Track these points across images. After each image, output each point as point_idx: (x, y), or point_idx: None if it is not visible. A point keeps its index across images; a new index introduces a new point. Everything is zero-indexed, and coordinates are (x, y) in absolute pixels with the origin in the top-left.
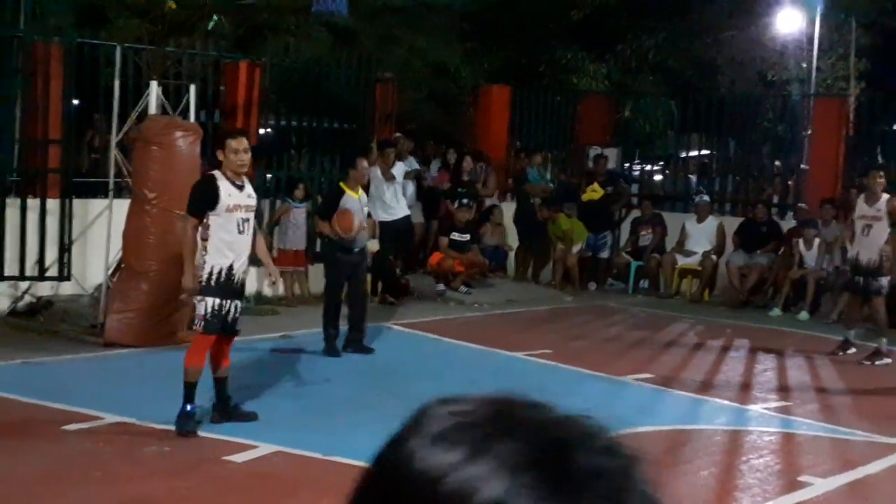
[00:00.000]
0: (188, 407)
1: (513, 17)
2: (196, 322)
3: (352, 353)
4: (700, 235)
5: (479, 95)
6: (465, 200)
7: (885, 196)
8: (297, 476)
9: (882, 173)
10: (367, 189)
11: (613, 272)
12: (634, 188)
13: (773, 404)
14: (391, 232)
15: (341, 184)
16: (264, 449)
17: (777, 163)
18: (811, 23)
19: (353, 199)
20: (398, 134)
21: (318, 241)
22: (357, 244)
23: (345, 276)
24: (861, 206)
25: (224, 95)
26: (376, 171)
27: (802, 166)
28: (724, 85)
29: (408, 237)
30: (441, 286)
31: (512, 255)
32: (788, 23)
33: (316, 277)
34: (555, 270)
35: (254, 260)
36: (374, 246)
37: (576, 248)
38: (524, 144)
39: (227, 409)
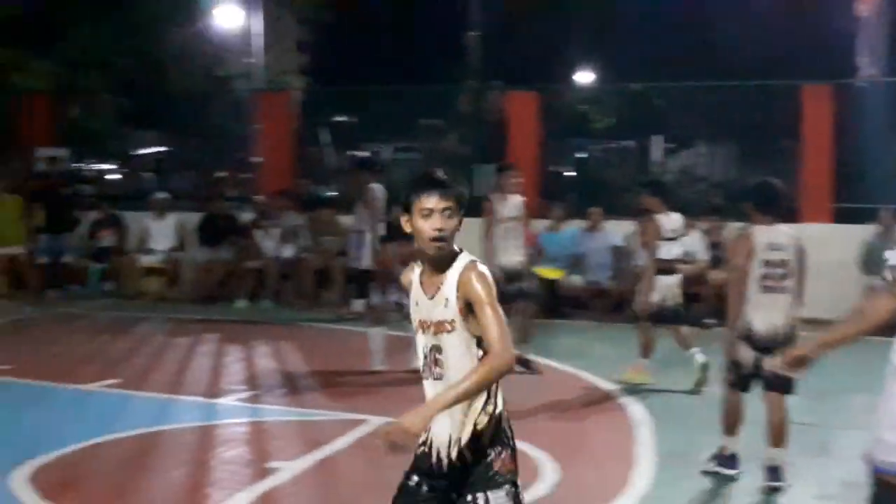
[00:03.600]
0: None
1: None
2: None
3: None
4: (161, 233)
5: None
6: None
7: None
8: None
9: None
10: None
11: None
12: (90, 189)
13: (243, 395)
14: None
15: None
16: None
17: (231, 157)
18: (252, 19)
19: None
20: None
21: None
22: None
23: None
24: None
25: None
26: None
27: (255, 160)
28: (173, 82)
29: None
30: None
31: None
32: (229, 19)
33: None
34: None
35: None
36: None
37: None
38: None
39: None
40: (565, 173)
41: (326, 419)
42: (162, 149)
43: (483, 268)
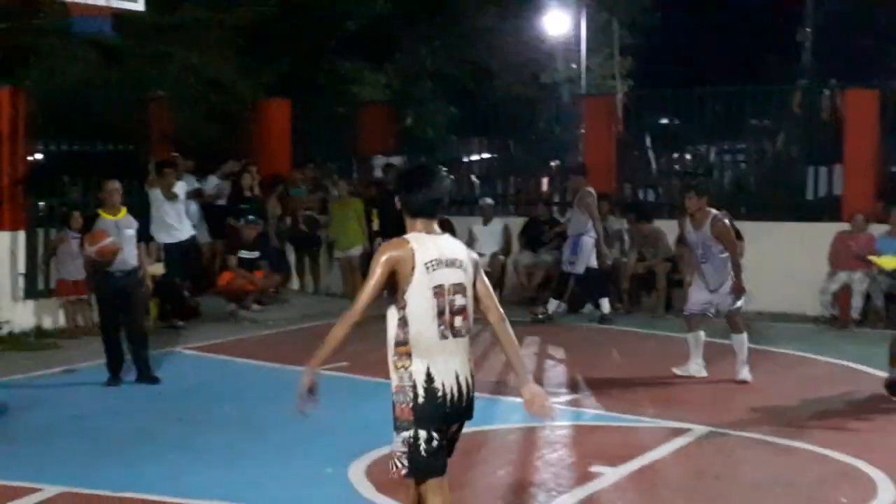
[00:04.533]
0: None
1: (287, 30)
2: None
3: (139, 383)
4: (487, 237)
5: (259, 110)
6: (250, 217)
7: None
8: None
9: None
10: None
11: None
12: None
13: (565, 397)
14: (177, 253)
15: (98, 209)
16: (49, 491)
17: (555, 162)
18: (578, 24)
19: (109, 221)
20: (175, 153)
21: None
22: (118, 268)
23: (113, 303)
24: None
25: None
26: (157, 193)
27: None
28: (500, 89)
29: (195, 258)
30: (232, 306)
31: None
32: (556, 25)
33: None
34: (344, 281)
35: None
36: (157, 269)
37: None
38: (307, 158)
39: None
40: None
41: (648, 426)
42: (488, 155)
43: (381, 247)
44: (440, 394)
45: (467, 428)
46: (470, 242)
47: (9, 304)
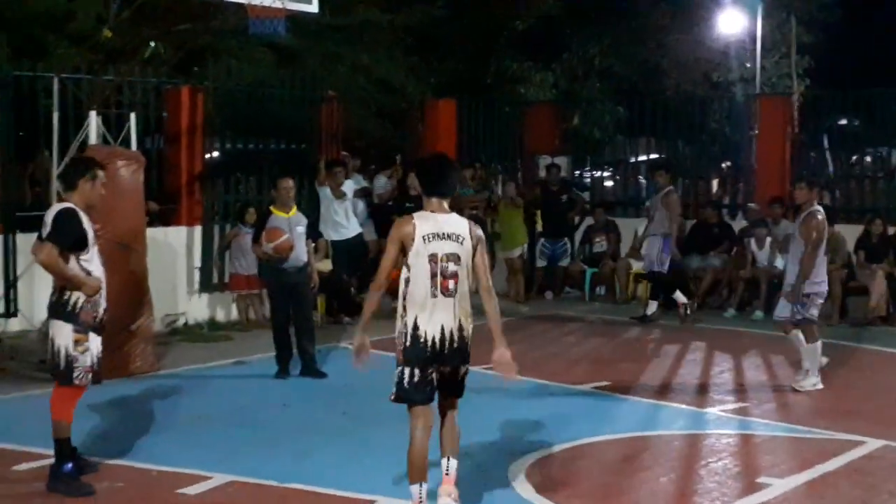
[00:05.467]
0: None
1: (456, 30)
2: None
3: (305, 377)
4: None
5: (426, 110)
6: None
7: None
8: None
9: None
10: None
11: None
12: (586, 195)
13: (731, 406)
14: (344, 250)
15: (271, 206)
16: (219, 479)
17: (726, 164)
18: (753, 22)
19: (281, 218)
20: (345, 153)
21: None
22: (291, 264)
23: (284, 298)
24: None
25: (167, 122)
26: (326, 191)
27: (750, 166)
28: (670, 88)
29: (361, 255)
30: (396, 303)
31: None
32: (731, 23)
33: None
34: (510, 282)
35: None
36: (325, 266)
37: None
38: (474, 157)
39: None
40: None
41: (819, 437)
42: (656, 156)
43: (395, 223)
44: (422, 341)
45: (629, 433)
46: (635, 245)
47: (185, 296)
